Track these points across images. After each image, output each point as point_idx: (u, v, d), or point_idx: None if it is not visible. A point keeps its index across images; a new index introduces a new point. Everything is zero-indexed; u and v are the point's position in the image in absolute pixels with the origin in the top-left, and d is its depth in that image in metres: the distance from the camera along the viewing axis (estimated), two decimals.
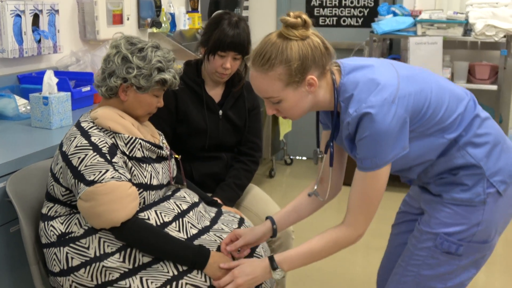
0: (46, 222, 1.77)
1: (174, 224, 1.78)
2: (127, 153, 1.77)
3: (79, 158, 1.70)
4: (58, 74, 2.68)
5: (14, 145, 2.16)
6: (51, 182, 1.79)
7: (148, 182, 1.79)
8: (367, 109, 1.47)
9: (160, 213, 1.78)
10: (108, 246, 1.70)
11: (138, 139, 1.81)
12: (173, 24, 4.05)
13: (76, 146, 1.72)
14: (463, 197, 1.59)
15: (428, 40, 4.19)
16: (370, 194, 1.56)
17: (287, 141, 5.17)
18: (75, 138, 1.74)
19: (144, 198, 1.78)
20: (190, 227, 1.81)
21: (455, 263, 1.63)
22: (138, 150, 1.80)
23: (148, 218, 1.75)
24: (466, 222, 1.59)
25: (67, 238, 1.73)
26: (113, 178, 1.68)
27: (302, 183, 4.57)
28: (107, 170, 1.68)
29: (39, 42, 2.81)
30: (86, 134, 1.74)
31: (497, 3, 4.17)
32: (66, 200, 1.77)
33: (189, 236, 1.79)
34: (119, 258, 1.69)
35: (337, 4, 5.12)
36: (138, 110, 1.86)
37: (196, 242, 1.78)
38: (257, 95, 1.66)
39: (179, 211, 1.83)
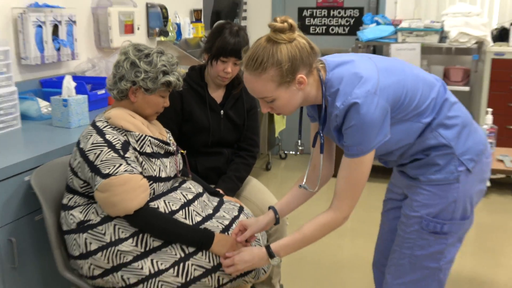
0: (67, 211, 1.78)
1: (181, 212, 1.79)
2: (138, 149, 1.78)
3: (95, 154, 1.70)
4: (76, 78, 2.68)
5: (37, 143, 2.17)
6: (70, 175, 1.79)
7: (157, 175, 1.80)
8: (354, 99, 1.46)
9: (168, 202, 1.79)
10: (122, 232, 1.71)
11: (147, 137, 1.81)
12: (179, 33, 4.05)
13: (92, 143, 1.72)
14: (439, 177, 1.59)
15: (407, 46, 4.20)
16: (356, 179, 1.55)
17: (282, 137, 5.17)
18: (91, 136, 1.75)
19: (153, 189, 1.78)
20: (195, 215, 1.82)
21: (443, 242, 1.63)
22: (148, 146, 1.80)
23: (157, 207, 1.75)
24: (444, 201, 1.59)
25: (86, 225, 1.73)
26: (126, 171, 1.68)
27: (295, 175, 4.57)
28: (121, 164, 1.69)
29: (59, 50, 2.81)
30: (101, 133, 1.75)
31: (469, 13, 4.18)
32: (84, 191, 1.77)
33: (194, 223, 1.79)
34: (132, 243, 1.70)
35: (326, 14, 5.13)
36: (146, 110, 1.86)
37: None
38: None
39: (185, 201, 1.83)
